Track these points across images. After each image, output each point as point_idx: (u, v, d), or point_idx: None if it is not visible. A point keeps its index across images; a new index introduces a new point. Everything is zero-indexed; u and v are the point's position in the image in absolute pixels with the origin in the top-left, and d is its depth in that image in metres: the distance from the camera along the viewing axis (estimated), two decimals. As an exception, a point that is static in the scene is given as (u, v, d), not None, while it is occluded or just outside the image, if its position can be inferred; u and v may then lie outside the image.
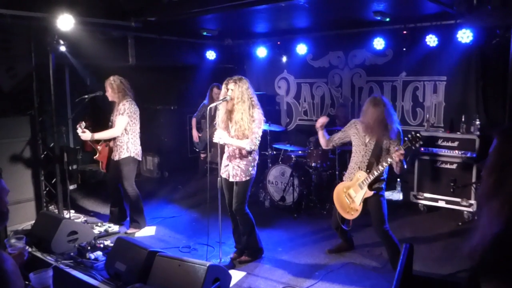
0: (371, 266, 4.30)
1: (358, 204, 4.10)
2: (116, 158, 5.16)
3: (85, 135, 5.01)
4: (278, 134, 6.94)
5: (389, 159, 3.87)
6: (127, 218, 5.54)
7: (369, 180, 4.00)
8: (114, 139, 5.15)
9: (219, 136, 4.10)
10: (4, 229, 4.53)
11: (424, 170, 5.90)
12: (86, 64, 6.54)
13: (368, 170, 4.06)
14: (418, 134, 3.77)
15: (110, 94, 5.15)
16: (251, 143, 4.10)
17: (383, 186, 4.14)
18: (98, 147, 5.26)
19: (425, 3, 5.09)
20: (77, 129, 5.03)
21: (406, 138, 3.88)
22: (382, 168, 3.95)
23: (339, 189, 4.29)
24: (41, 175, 5.71)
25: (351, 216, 4.20)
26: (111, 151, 5.25)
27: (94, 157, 5.34)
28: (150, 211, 5.99)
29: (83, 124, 5.04)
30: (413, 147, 3.87)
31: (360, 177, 4.08)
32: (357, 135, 4.21)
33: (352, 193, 4.16)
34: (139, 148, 5.25)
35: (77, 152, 7.03)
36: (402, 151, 3.77)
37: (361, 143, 4.15)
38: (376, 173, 3.96)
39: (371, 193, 4.02)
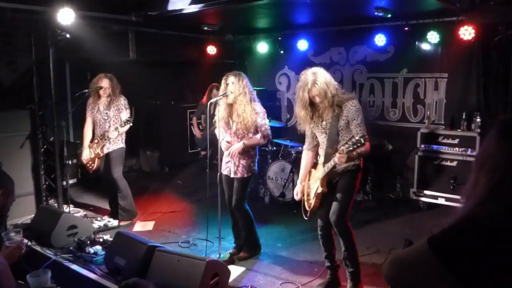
0: (370, 262, 4.30)
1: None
2: (110, 149, 5.17)
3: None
4: (279, 130, 6.92)
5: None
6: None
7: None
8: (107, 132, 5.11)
9: (234, 151, 4.09)
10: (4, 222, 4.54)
11: (425, 167, 5.89)
12: (86, 59, 6.52)
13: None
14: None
15: (109, 90, 5.13)
16: (263, 136, 4.15)
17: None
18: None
19: (427, 0, 5.07)
20: None
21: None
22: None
23: None
24: (41, 169, 5.71)
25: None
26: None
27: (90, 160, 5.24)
28: (150, 205, 6.02)
29: None
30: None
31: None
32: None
33: None
34: None
35: (77, 147, 7.02)
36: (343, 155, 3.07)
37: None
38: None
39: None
